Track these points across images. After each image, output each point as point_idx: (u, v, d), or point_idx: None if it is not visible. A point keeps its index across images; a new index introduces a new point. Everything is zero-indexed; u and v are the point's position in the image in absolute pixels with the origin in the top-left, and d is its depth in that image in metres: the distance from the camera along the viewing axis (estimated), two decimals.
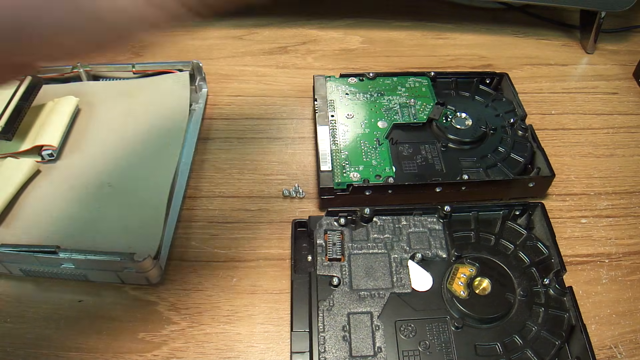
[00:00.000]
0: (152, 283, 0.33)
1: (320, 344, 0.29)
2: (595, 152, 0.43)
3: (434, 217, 0.34)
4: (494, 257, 0.33)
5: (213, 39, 0.54)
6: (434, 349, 0.29)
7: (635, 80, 0.50)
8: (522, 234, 0.34)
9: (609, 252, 0.36)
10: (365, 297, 0.31)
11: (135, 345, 0.31)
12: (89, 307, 0.32)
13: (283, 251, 0.35)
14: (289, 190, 0.39)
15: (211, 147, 0.42)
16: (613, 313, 0.33)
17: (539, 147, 0.39)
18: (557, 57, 0.53)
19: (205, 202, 0.38)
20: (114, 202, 0.35)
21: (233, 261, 0.35)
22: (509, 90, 0.43)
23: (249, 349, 0.31)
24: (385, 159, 0.38)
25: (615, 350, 0.31)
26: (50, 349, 0.30)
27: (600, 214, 0.39)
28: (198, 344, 0.31)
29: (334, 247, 0.33)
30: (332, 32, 0.55)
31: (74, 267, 0.32)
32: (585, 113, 0.47)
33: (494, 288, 0.31)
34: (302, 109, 0.46)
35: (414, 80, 0.44)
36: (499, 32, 0.56)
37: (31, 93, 0.37)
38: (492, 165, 0.38)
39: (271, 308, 0.33)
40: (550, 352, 0.29)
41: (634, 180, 0.41)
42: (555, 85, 0.50)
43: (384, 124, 0.41)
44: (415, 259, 0.32)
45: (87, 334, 0.31)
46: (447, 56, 0.52)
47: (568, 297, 0.31)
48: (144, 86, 0.43)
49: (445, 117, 0.41)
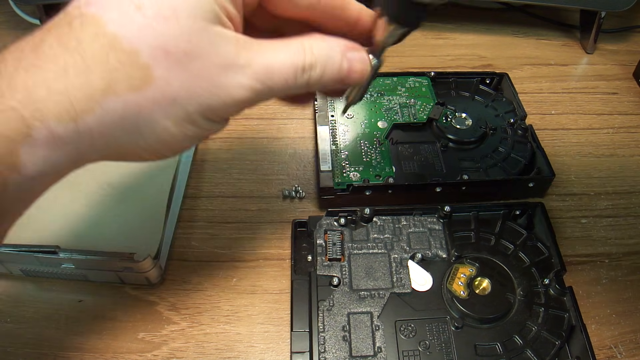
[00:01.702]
0: (152, 283, 0.33)
1: (320, 344, 0.29)
2: (595, 152, 0.43)
3: (434, 217, 0.34)
4: (494, 257, 0.33)
5: None
6: (434, 349, 0.29)
7: (635, 80, 0.50)
8: (522, 234, 0.34)
9: (609, 252, 0.36)
10: (365, 297, 0.31)
11: (135, 345, 0.31)
12: (89, 307, 0.32)
13: (283, 251, 0.35)
14: (288, 190, 0.39)
15: (211, 147, 0.42)
16: (613, 313, 0.33)
17: (539, 147, 0.39)
18: (557, 57, 0.53)
19: (205, 202, 0.38)
20: (114, 202, 0.35)
21: (233, 261, 0.35)
22: (509, 90, 0.44)
23: (249, 349, 0.31)
24: (385, 159, 0.38)
25: (615, 350, 0.31)
26: (50, 349, 0.30)
27: (600, 214, 0.39)
28: (198, 344, 0.31)
29: (334, 247, 0.33)
30: None
31: (74, 267, 0.32)
32: (585, 113, 0.47)
33: (494, 288, 0.31)
34: (302, 109, 0.46)
35: (414, 80, 0.44)
36: (499, 32, 0.56)
37: None
38: (492, 166, 0.38)
39: (271, 308, 0.33)
40: (550, 352, 0.29)
41: (634, 180, 0.41)
42: (555, 85, 0.50)
43: (384, 124, 0.41)
44: (415, 259, 0.32)
45: (87, 334, 0.31)
46: (447, 56, 0.52)
47: (568, 297, 0.31)
48: None
49: (445, 117, 0.41)
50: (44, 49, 0.18)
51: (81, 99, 0.18)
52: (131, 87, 0.19)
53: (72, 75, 0.18)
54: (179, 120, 0.20)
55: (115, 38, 0.18)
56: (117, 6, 0.19)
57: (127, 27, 0.19)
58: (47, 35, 0.19)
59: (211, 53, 0.20)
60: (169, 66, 0.19)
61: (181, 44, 0.19)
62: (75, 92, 0.18)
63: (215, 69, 0.20)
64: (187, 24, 0.19)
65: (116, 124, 0.19)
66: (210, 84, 0.20)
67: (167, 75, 0.19)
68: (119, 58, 0.19)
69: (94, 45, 0.18)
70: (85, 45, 0.18)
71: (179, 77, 0.19)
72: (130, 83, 0.19)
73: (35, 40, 0.19)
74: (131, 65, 0.19)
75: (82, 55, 0.18)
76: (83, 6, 0.19)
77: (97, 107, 0.19)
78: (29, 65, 0.18)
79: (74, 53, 0.18)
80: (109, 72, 0.18)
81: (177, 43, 0.19)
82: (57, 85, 0.18)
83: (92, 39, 0.18)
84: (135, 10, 0.19)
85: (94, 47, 0.18)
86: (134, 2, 0.19)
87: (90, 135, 0.19)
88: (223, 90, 0.21)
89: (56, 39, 0.19)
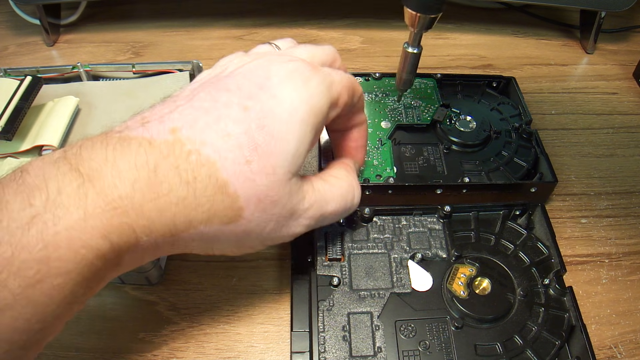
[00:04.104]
0: (152, 283, 0.33)
1: (320, 344, 0.29)
2: (595, 152, 0.43)
3: (434, 217, 0.34)
4: (494, 257, 0.33)
5: (213, 39, 0.54)
6: (434, 349, 0.29)
7: (635, 80, 0.50)
8: (522, 234, 0.34)
9: (609, 252, 0.36)
10: (365, 297, 0.31)
11: (135, 345, 0.31)
12: (89, 307, 0.32)
13: (283, 251, 0.35)
14: None
15: None
16: (613, 313, 0.33)
17: (543, 152, 0.38)
18: (557, 57, 0.53)
19: None
20: None
21: (233, 261, 0.35)
22: (515, 94, 0.43)
23: (249, 349, 0.31)
24: (386, 159, 0.38)
25: (615, 350, 0.31)
26: (50, 349, 0.30)
27: (600, 214, 0.39)
28: (198, 344, 0.31)
29: (334, 247, 0.33)
30: (332, 32, 0.55)
31: None
32: (585, 113, 0.47)
33: (494, 288, 0.31)
34: None
35: (419, 81, 0.44)
36: (499, 32, 0.56)
37: (31, 93, 0.37)
38: (495, 169, 0.38)
39: (271, 308, 0.33)
40: (550, 352, 0.29)
41: (634, 180, 0.41)
42: (555, 85, 0.50)
43: (387, 124, 0.41)
44: (415, 259, 0.32)
45: (87, 334, 0.31)
46: (447, 56, 0.52)
47: (568, 297, 0.31)
48: (144, 86, 0.43)
49: (449, 119, 0.40)
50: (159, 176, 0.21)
51: (183, 223, 0.21)
52: (222, 222, 0.22)
53: (182, 206, 0.21)
54: (244, 246, 0.25)
55: (226, 185, 0.22)
56: (231, 156, 0.22)
57: (236, 176, 0.22)
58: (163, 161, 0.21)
59: (287, 201, 0.24)
60: (255, 210, 0.23)
61: (272, 194, 0.23)
62: (181, 219, 0.21)
63: (286, 214, 0.24)
64: (280, 179, 0.23)
65: (200, 239, 0.23)
66: (279, 225, 0.24)
67: (251, 217, 0.23)
68: (223, 200, 0.22)
69: (207, 185, 0.21)
70: (199, 184, 0.21)
71: (259, 218, 0.23)
72: (224, 220, 0.22)
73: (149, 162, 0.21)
74: (230, 206, 0.22)
75: (195, 190, 0.21)
76: (199, 144, 0.21)
77: (194, 230, 0.22)
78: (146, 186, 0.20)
79: (188, 187, 0.21)
80: (212, 209, 0.22)
81: (269, 194, 0.23)
82: (169, 212, 0.21)
83: (206, 179, 0.21)
84: (245, 164, 0.22)
85: (206, 187, 0.21)
86: (246, 156, 0.22)
87: (177, 245, 0.23)
88: (287, 229, 0.25)
89: (173, 169, 0.21)
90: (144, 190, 0.20)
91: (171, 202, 0.21)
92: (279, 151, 0.22)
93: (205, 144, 0.21)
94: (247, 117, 0.22)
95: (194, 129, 0.22)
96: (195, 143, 0.21)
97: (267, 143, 0.22)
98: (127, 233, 0.20)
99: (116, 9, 0.57)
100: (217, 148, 0.21)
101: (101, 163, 0.20)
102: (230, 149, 0.22)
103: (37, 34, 0.53)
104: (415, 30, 0.31)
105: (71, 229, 0.19)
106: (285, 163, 0.23)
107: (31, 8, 0.52)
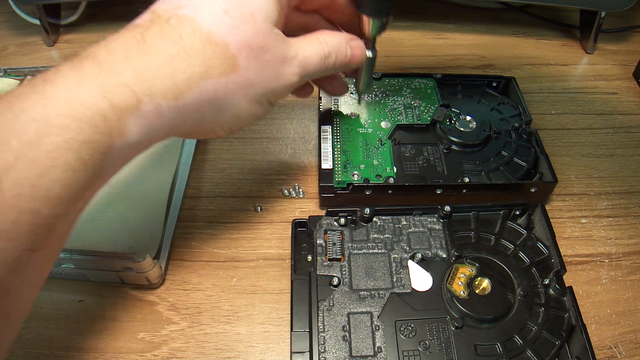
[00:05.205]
0: (152, 283, 0.33)
1: (320, 344, 0.29)
2: (595, 152, 0.43)
3: (434, 217, 0.34)
4: (494, 257, 0.33)
5: None
6: (434, 349, 0.29)
7: (635, 80, 0.50)
8: (522, 234, 0.34)
9: (609, 252, 0.36)
10: (365, 297, 0.31)
11: (135, 345, 0.31)
12: (89, 307, 0.32)
13: (283, 251, 0.35)
14: (289, 190, 0.39)
15: (211, 147, 0.42)
16: (613, 313, 0.33)
17: (543, 153, 0.38)
18: (557, 57, 0.53)
19: (205, 202, 0.38)
20: (114, 202, 0.35)
21: (233, 261, 0.35)
22: (515, 94, 0.43)
23: (249, 349, 0.31)
24: (386, 159, 0.38)
25: (615, 350, 0.31)
26: (50, 349, 0.30)
27: (600, 214, 0.39)
28: (198, 344, 0.31)
29: (334, 247, 0.33)
30: None
31: (74, 267, 0.32)
32: (585, 113, 0.47)
33: (494, 288, 0.31)
34: (302, 109, 0.46)
35: (419, 81, 0.44)
36: (499, 32, 0.56)
37: None
38: (495, 169, 0.38)
39: (271, 308, 0.33)
40: (550, 352, 0.29)
41: (634, 180, 0.41)
42: (555, 85, 0.50)
43: (387, 124, 0.41)
44: (415, 259, 0.32)
45: (87, 334, 0.31)
46: (447, 56, 0.52)
47: (568, 297, 0.31)
48: None
49: (449, 119, 0.40)
50: (148, 42, 0.22)
51: (183, 81, 0.23)
52: (222, 73, 0.24)
53: (176, 62, 0.23)
54: (252, 100, 0.26)
55: (210, 34, 0.23)
56: (207, 9, 0.24)
57: (218, 25, 0.24)
58: (147, 31, 0.23)
59: (275, 48, 0.26)
60: (249, 57, 0.24)
61: (258, 40, 0.25)
62: (179, 75, 0.23)
63: (278, 60, 0.26)
64: (262, 26, 0.25)
65: (207, 102, 0.24)
66: (275, 71, 0.26)
67: (247, 64, 0.25)
68: (213, 50, 0.23)
69: (193, 39, 0.23)
70: (185, 39, 0.23)
71: (255, 66, 0.25)
72: (222, 69, 0.24)
73: (135, 35, 0.23)
74: (223, 55, 0.24)
75: (184, 47, 0.23)
76: (175, 9, 0.24)
77: (196, 87, 0.23)
78: (136, 53, 0.22)
79: (176, 45, 0.23)
80: (206, 60, 0.23)
81: (256, 39, 0.24)
82: (164, 70, 0.22)
83: (191, 34, 0.23)
84: (223, 13, 0.24)
85: (193, 41, 0.23)
86: (221, 7, 0.24)
87: (185, 111, 0.24)
88: (283, 76, 0.27)
89: (158, 33, 0.23)
90: (135, 56, 0.22)
91: (165, 60, 0.22)
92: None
93: (180, 7, 0.24)
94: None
95: (170, 3, 0.24)
96: (171, 10, 0.24)
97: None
98: (126, 92, 0.21)
99: (116, 9, 0.57)
100: (193, 6, 0.24)
101: (94, 50, 0.22)
102: (204, 3, 0.24)
103: (37, 34, 0.53)
104: (368, 33, 0.32)
105: (68, 90, 0.20)
106: (261, 11, 0.25)
107: (31, 8, 0.52)
